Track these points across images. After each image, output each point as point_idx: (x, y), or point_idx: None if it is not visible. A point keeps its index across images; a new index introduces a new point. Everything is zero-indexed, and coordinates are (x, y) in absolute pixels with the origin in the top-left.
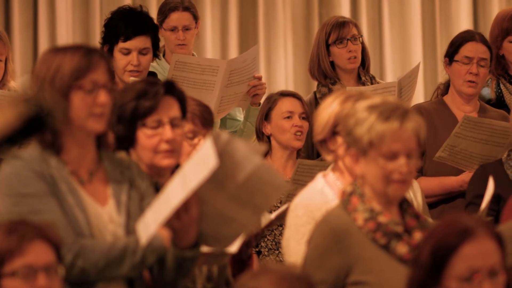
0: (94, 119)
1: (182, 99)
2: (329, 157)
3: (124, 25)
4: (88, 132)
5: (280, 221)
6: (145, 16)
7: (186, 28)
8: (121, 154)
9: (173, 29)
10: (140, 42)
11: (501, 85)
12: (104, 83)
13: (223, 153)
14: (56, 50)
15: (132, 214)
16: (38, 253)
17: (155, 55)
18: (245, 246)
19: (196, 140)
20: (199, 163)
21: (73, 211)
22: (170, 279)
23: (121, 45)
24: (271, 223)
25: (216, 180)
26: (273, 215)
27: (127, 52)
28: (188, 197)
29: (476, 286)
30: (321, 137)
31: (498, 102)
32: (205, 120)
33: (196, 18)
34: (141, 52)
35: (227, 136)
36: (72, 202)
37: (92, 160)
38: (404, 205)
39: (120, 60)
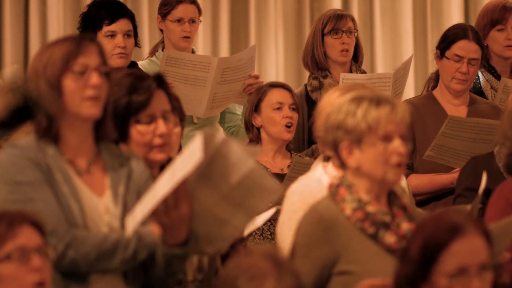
0: (88, 103)
1: (169, 92)
2: (330, 153)
3: (106, 11)
4: (83, 118)
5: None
6: (121, 3)
7: (192, 21)
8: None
9: (180, 20)
10: (125, 24)
11: (480, 74)
12: (96, 66)
13: (217, 153)
14: (48, 45)
15: (129, 206)
16: (28, 236)
17: (136, 44)
18: (231, 248)
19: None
20: (187, 157)
21: (67, 201)
22: (159, 275)
23: (106, 28)
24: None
25: (209, 180)
26: (261, 221)
27: (112, 34)
28: (174, 188)
29: (465, 283)
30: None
31: (475, 89)
32: None
33: (200, 12)
34: (126, 34)
35: (222, 137)
36: (66, 192)
37: (91, 151)
38: (391, 197)
39: (106, 45)
